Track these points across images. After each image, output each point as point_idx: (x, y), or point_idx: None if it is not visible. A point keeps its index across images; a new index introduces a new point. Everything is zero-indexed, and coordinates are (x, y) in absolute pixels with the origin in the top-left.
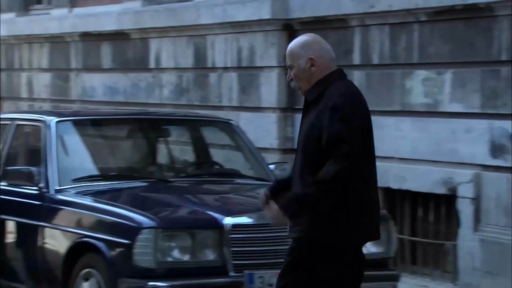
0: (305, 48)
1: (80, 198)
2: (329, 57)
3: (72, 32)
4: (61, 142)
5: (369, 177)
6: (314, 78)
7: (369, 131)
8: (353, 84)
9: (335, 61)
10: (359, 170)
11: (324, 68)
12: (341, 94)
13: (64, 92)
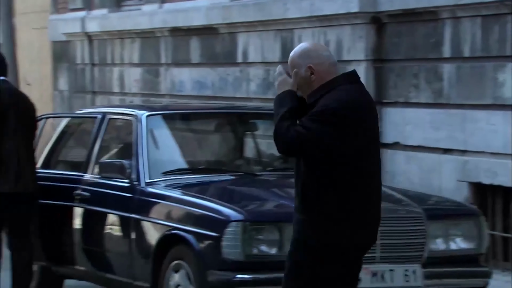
0: (303, 57)
1: (170, 191)
2: (328, 63)
3: (162, 27)
4: (151, 135)
5: (371, 181)
6: (315, 85)
7: (367, 135)
8: (357, 89)
9: (336, 66)
10: (359, 173)
11: (324, 75)
12: (334, 100)
13: (154, 87)
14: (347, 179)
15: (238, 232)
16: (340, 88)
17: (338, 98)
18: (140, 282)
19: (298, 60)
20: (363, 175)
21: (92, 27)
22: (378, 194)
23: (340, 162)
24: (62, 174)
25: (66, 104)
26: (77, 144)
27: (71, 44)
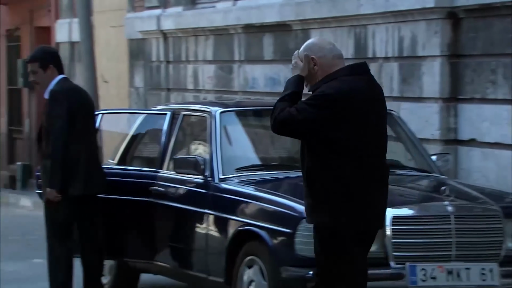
0: (307, 50)
1: (243, 187)
2: (331, 56)
3: (236, 25)
4: (225, 132)
5: (374, 169)
6: (319, 76)
7: (365, 125)
8: (361, 80)
9: (341, 59)
10: (359, 160)
11: (327, 66)
12: (330, 87)
13: (227, 83)
14: (347, 165)
15: (311, 228)
16: (341, 79)
17: (335, 86)
18: (214, 277)
19: (302, 54)
20: (364, 163)
21: (167, 25)
22: (382, 183)
23: (338, 149)
24: (137, 170)
25: (141, 101)
26: (152, 140)
27: (147, 42)
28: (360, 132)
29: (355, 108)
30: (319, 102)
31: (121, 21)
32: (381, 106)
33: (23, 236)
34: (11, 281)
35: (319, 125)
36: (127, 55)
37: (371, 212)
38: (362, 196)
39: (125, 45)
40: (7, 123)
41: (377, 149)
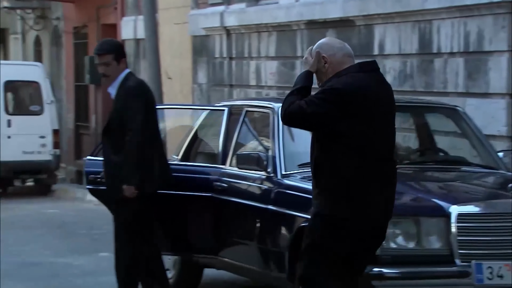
0: (319, 48)
1: (306, 183)
2: (341, 54)
3: (299, 20)
4: (288, 128)
5: (381, 164)
6: (330, 73)
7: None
8: (370, 77)
9: (351, 57)
10: (366, 155)
11: (337, 64)
12: (339, 82)
13: (289, 80)
14: (351, 160)
15: None
16: (350, 75)
17: (343, 81)
18: (276, 273)
19: (315, 50)
20: (371, 158)
21: (230, 21)
22: (390, 178)
23: (343, 143)
24: (201, 166)
25: (204, 97)
26: (215, 136)
27: (210, 38)
28: (365, 127)
29: (362, 103)
30: (327, 95)
31: (184, 18)
32: (389, 103)
33: (89, 230)
34: (77, 275)
35: (327, 118)
36: (190, 52)
37: (371, 210)
38: (363, 193)
39: (188, 42)
40: (74, 119)
41: (383, 145)
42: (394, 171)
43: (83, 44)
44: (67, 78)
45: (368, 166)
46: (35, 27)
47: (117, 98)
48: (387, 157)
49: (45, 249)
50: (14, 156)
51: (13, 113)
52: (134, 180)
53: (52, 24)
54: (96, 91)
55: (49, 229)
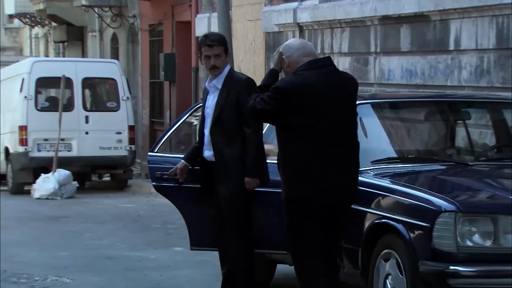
0: (281, 50)
1: (379, 179)
2: (298, 54)
3: (373, 16)
4: (361, 124)
5: (334, 150)
6: (290, 72)
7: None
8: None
9: (308, 56)
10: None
11: (295, 64)
12: (285, 81)
13: (362, 75)
14: (303, 147)
15: (450, 223)
16: (298, 73)
17: (288, 80)
18: (350, 269)
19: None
20: (320, 145)
21: (303, 18)
22: (346, 162)
23: (294, 133)
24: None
25: None
26: None
27: (283, 35)
28: (312, 119)
29: (305, 98)
30: (273, 94)
31: (258, 14)
32: (341, 94)
33: (164, 224)
34: (153, 269)
35: (274, 114)
36: (263, 48)
37: (326, 188)
38: (315, 177)
39: (261, 38)
40: (149, 115)
41: (333, 133)
42: (348, 155)
43: (158, 41)
44: (142, 75)
45: (317, 153)
46: (112, 25)
47: (225, 91)
48: (338, 143)
49: (121, 243)
50: (91, 151)
51: (91, 109)
52: (257, 173)
53: (129, 22)
54: (171, 87)
55: (125, 223)
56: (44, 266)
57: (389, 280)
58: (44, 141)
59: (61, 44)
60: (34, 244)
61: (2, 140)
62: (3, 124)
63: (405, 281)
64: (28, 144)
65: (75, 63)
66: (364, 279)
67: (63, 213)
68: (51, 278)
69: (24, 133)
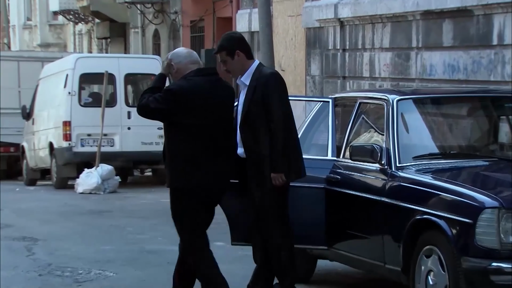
0: (170, 57)
1: (421, 175)
2: (186, 61)
3: (414, 11)
4: (402, 120)
5: (213, 143)
6: (178, 76)
7: (202, 113)
8: (204, 80)
9: (195, 63)
10: (196, 136)
11: (183, 70)
12: (175, 84)
13: (404, 71)
14: (186, 143)
15: (493, 219)
16: (187, 78)
17: (178, 83)
18: (391, 266)
19: (167, 59)
20: (203, 141)
21: (344, 13)
22: (225, 154)
23: (180, 130)
24: (313, 158)
25: (317, 89)
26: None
27: (324, 30)
28: (197, 119)
29: (192, 100)
30: (165, 95)
31: (299, 10)
32: (222, 98)
33: None
34: None
35: (165, 112)
36: (304, 44)
37: (208, 177)
38: (199, 165)
39: (302, 34)
40: None
41: (214, 131)
42: (228, 151)
43: (200, 37)
44: None
45: (201, 147)
46: (154, 21)
47: (252, 87)
48: (220, 140)
49: (163, 237)
50: (133, 146)
51: (133, 105)
52: (283, 168)
53: (170, 18)
54: None
55: (166, 218)
56: (88, 259)
57: (431, 276)
58: (87, 136)
59: (104, 40)
60: (77, 238)
61: (47, 136)
62: (48, 119)
63: (447, 277)
64: (71, 139)
65: (117, 59)
66: (406, 275)
67: (106, 208)
68: (95, 272)
69: (68, 129)
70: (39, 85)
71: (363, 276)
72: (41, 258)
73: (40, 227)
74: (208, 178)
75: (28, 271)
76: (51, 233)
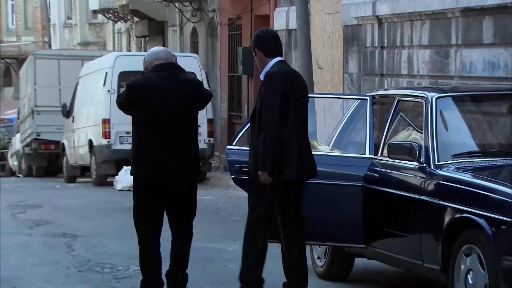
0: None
1: (460, 173)
2: (151, 59)
3: (454, 8)
4: (441, 117)
5: (167, 135)
6: None
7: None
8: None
9: (158, 60)
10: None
11: (149, 66)
12: (132, 81)
13: (443, 68)
14: (144, 133)
15: None
16: (145, 74)
17: (134, 79)
18: (429, 264)
19: None
20: (156, 133)
21: (382, 10)
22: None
23: (138, 123)
24: (351, 156)
25: (355, 86)
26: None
27: (361, 28)
28: (150, 111)
29: (144, 94)
30: (125, 90)
31: (336, 7)
32: (178, 93)
33: (242, 217)
34: (231, 260)
35: (125, 106)
36: (341, 41)
37: (157, 168)
38: (150, 157)
39: (339, 32)
40: (227, 108)
41: (166, 124)
42: (178, 142)
43: (237, 35)
44: (221, 69)
45: (153, 139)
46: (192, 19)
47: (260, 85)
48: (170, 132)
49: (200, 234)
50: None
51: None
52: (266, 166)
53: (208, 16)
54: (249, 81)
55: (204, 215)
56: (127, 256)
57: (470, 275)
58: (126, 134)
59: (142, 38)
60: (116, 234)
61: (86, 133)
62: (87, 117)
63: (487, 276)
64: (110, 137)
65: None
66: (445, 274)
67: None
68: (133, 268)
69: (107, 126)
70: (79, 83)
71: (401, 275)
72: (81, 255)
73: (80, 224)
74: (158, 169)
75: (68, 267)
76: (90, 229)
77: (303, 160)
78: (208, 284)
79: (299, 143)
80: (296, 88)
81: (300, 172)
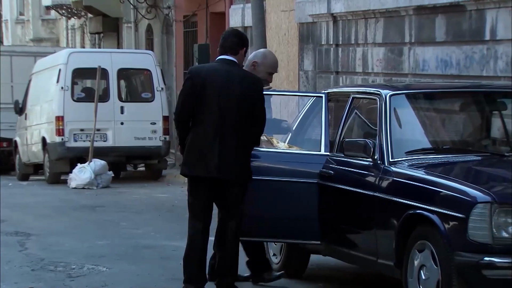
0: None
1: (414, 170)
2: None
3: (407, 6)
4: (395, 115)
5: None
6: None
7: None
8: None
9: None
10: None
11: None
12: None
13: (396, 66)
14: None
15: (486, 214)
16: None
17: None
18: (383, 260)
19: None
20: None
21: (337, 8)
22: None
23: None
24: (306, 153)
25: (310, 84)
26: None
27: (317, 26)
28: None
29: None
30: None
31: (292, 5)
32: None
33: None
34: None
35: None
36: (297, 39)
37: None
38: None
39: (295, 29)
40: None
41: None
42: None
43: (193, 32)
44: (177, 66)
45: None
46: (147, 16)
47: None
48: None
49: (156, 232)
50: (126, 141)
51: (126, 100)
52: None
53: (163, 13)
54: None
55: (160, 213)
56: (81, 254)
57: (423, 271)
58: (80, 131)
59: (96, 35)
60: (71, 233)
61: (39, 131)
62: (41, 114)
63: (440, 272)
64: (64, 134)
65: (110, 54)
66: (398, 269)
67: (99, 203)
68: (88, 267)
69: (61, 124)
70: (32, 80)
71: (356, 271)
72: (34, 253)
73: (33, 222)
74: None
75: (21, 266)
76: (44, 228)
77: (221, 161)
78: (164, 282)
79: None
80: (208, 84)
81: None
